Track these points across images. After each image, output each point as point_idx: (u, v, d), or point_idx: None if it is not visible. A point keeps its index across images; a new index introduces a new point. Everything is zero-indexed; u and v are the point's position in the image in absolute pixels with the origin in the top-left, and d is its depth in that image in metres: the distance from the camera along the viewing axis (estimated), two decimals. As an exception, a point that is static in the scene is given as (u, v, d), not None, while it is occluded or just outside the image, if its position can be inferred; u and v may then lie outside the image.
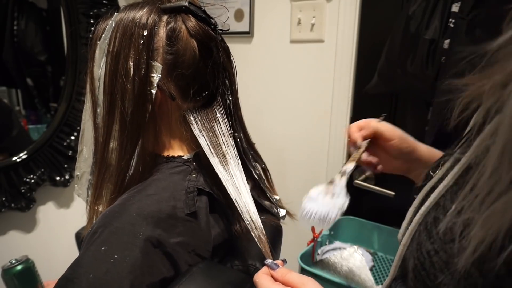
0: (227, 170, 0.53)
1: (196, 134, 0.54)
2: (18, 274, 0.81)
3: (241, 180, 0.54)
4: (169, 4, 0.53)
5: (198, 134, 0.54)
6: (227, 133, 0.56)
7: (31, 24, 1.38)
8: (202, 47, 0.53)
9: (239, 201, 0.52)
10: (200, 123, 0.55)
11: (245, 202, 0.52)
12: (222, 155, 0.54)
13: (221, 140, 0.55)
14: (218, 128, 0.56)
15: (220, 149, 0.54)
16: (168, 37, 0.52)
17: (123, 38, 0.51)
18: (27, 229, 1.39)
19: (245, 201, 0.52)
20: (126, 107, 0.52)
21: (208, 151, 0.53)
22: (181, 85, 0.54)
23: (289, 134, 1.58)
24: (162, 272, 0.47)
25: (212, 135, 0.55)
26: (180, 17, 0.53)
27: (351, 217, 1.40)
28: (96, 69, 0.55)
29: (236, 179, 0.53)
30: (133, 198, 0.50)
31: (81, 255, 0.45)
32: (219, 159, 0.53)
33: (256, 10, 1.58)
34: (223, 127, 0.57)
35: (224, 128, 0.57)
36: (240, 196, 0.52)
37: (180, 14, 0.53)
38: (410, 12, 1.14)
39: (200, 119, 0.55)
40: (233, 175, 0.53)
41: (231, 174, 0.53)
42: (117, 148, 0.54)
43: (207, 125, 0.56)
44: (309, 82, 1.51)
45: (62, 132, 1.41)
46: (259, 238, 0.50)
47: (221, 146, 0.55)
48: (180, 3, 0.52)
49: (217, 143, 0.55)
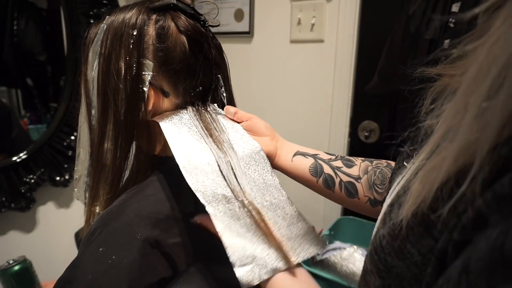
0: (219, 148, 0.51)
1: (191, 117, 0.54)
2: (16, 275, 0.81)
3: (236, 161, 0.51)
4: (158, 3, 0.54)
5: (192, 117, 0.54)
6: (219, 127, 0.56)
7: (31, 24, 1.38)
8: (192, 42, 0.54)
9: (231, 180, 0.49)
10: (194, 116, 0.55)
11: (240, 183, 0.49)
12: (217, 140, 0.53)
13: (212, 125, 0.55)
14: (212, 122, 0.56)
15: (214, 132, 0.54)
16: (158, 35, 0.52)
17: (114, 39, 0.52)
18: (27, 229, 1.39)
19: (240, 182, 0.49)
20: (119, 106, 0.52)
21: (202, 133, 0.53)
22: (173, 81, 0.54)
23: (289, 134, 1.58)
24: (160, 273, 0.47)
25: (204, 124, 0.55)
26: (169, 15, 0.53)
27: (351, 217, 1.40)
28: (90, 72, 0.55)
29: (231, 158, 0.51)
30: (131, 199, 0.50)
31: (79, 256, 0.45)
32: (212, 139, 0.52)
33: (256, 10, 1.57)
34: (212, 114, 0.57)
35: (213, 115, 0.57)
36: (234, 172, 0.50)
37: (169, 12, 0.54)
38: (410, 12, 1.14)
39: (195, 112, 0.56)
40: (228, 155, 0.51)
41: (226, 153, 0.51)
42: (112, 148, 0.54)
43: (200, 117, 0.56)
44: (309, 82, 1.50)
45: (62, 132, 1.41)
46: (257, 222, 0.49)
47: (213, 130, 0.54)
48: (168, 1, 0.53)
49: (208, 127, 0.54)
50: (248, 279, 0.42)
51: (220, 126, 0.56)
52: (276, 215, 0.49)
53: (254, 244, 0.44)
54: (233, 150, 0.52)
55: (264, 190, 0.51)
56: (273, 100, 1.62)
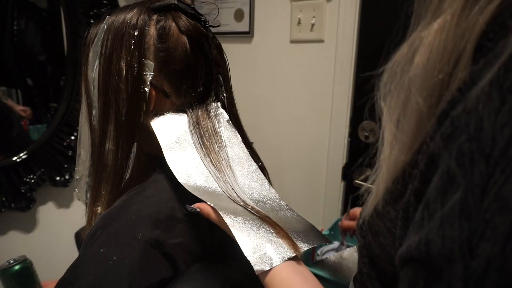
0: (217, 168, 0.52)
1: (191, 130, 0.54)
2: (16, 274, 0.81)
3: (234, 180, 0.53)
4: (159, 4, 0.54)
5: (192, 130, 0.54)
6: (219, 129, 0.56)
7: (31, 24, 1.38)
8: (193, 42, 0.54)
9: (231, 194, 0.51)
10: (195, 118, 0.55)
11: (240, 196, 0.51)
12: (215, 152, 0.54)
13: (213, 139, 0.55)
14: (210, 123, 0.56)
15: (212, 147, 0.54)
16: (159, 35, 0.52)
17: (115, 39, 0.52)
18: (27, 229, 1.39)
19: (240, 195, 0.51)
20: (120, 107, 0.52)
21: (200, 150, 0.53)
22: (174, 81, 0.54)
23: (289, 134, 1.58)
24: (161, 273, 0.47)
25: (204, 133, 0.55)
26: (170, 15, 0.54)
27: (351, 217, 1.40)
28: (90, 72, 0.55)
29: (228, 177, 0.52)
30: (132, 200, 0.50)
31: (80, 257, 0.46)
32: (210, 158, 0.53)
33: (256, 10, 1.57)
34: (215, 123, 0.57)
35: (216, 124, 0.57)
36: (233, 191, 0.51)
37: (169, 12, 0.54)
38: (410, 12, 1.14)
39: (195, 114, 0.56)
40: (225, 174, 0.52)
41: (223, 172, 0.52)
42: (113, 148, 0.54)
43: (200, 121, 0.56)
44: (309, 82, 1.50)
45: (62, 132, 1.41)
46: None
47: (214, 145, 0.54)
48: (169, 1, 0.53)
49: (208, 141, 0.54)
50: (261, 266, 0.42)
51: (221, 141, 0.56)
52: (277, 215, 0.50)
53: (262, 233, 0.46)
54: (231, 169, 0.53)
55: (263, 201, 0.53)
56: (273, 100, 1.62)
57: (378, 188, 0.35)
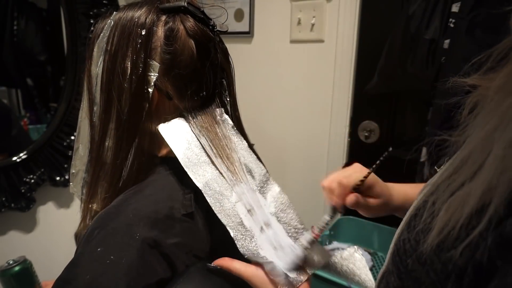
0: (230, 170, 0.53)
1: (196, 134, 0.54)
2: (16, 275, 0.81)
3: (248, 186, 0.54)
4: (168, 4, 0.53)
5: (198, 134, 0.54)
6: (227, 133, 0.56)
7: (31, 24, 1.38)
8: (200, 47, 0.53)
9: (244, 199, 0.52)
10: (199, 123, 0.55)
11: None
12: (226, 156, 0.54)
13: (223, 142, 0.55)
14: (218, 129, 0.56)
15: (223, 150, 0.54)
16: (166, 37, 0.52)
17: (121, 37, 0.52)
18: (27, 229, 1.39)
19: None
20: (123, 105, 0.52)
21: (210, 151, 0.53)
22: (178, 85, 0.54)
23: (289, 134, 1.58)
24: (158, 273, 0.46)
25: (213, 136, 0.55)
26: (178, 17, 0.53)
27: (351, 217, 1.40)
28: (94, 68, 0.55)
29: (242, 178, 0.53)
30: (129, 199, 0.49)
31: (78, 256, 0.45)
32: (221, 159, 0.53)
33: (256, 10, 1.57)
34: (223, 128, 0.57)
35: (224, 129, 0.57)
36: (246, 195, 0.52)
37: (178, 14, 0.53)
38: (410, 12, 1.14)
39: (199, 119, 0.55)
40: (238, 175, 0.53)
41: (236, 174, 0.53)
42: (113, 146, 0.54)
43: (207, 126, 0.55)
44: (309, 82, 1.50)
45: (62, 132, 1.41)
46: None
47: (224, 148, 0.55)
48: (179, 3, 0.52)
49: (219, 145, 0.54)
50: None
51: (231, 144, 0.56)
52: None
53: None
54: (244, 172, 0.55)
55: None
56: (273, 100, 1.61)
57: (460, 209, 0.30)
